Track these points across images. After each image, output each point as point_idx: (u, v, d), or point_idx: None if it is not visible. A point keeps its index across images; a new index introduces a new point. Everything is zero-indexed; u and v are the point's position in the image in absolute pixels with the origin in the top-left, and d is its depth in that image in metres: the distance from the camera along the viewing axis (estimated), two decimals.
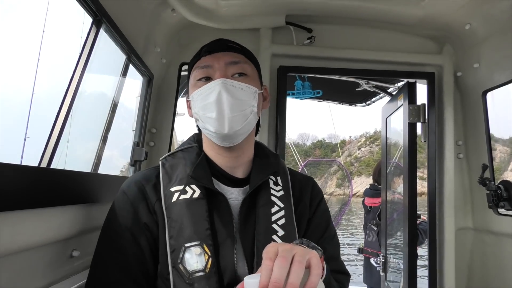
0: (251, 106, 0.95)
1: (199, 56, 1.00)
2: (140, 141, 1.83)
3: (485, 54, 1.92)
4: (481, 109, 1.98)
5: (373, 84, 3.25)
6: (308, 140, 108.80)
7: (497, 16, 1.73)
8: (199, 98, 0.94)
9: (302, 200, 1.05)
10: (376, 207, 3.59)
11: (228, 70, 0.95)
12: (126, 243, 0.90)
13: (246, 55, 1.02)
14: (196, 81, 0.97)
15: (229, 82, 0.93)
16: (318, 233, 1.03)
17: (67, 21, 1.65)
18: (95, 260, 0.92)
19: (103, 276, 0.89)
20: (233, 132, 0.92)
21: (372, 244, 3.60)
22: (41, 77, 1.76)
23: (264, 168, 1.02)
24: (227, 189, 0.98)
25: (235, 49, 1.01)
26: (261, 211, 0.96)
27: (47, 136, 1.10)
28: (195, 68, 0.99)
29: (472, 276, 2.11)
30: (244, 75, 0.97)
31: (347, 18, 2.03)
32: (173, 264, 0.86)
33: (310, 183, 1.11)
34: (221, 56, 0.97)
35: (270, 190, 1.00)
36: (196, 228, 0.88)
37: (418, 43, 2.15)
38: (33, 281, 0.97)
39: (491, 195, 1.85)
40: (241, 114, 0.93)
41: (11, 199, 0.80)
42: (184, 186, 0.94)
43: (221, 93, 0.91)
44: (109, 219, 0.95)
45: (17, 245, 0.85)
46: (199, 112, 0.95)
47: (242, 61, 0.98)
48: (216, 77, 0.94)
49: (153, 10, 1.68)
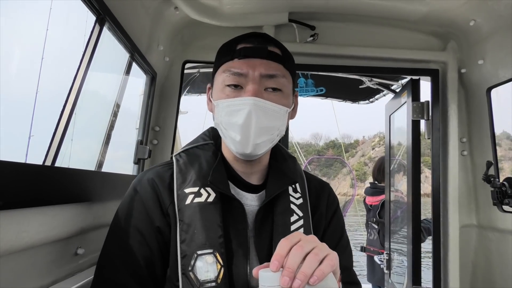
0: (279, 129, 0.89)
1: (232, 56, 0.90)
2: (144, 139, 1.83)
3: (490, 51, 1.91)
4: (485, 106, 1.97)
5: (377, 82, 3.24)
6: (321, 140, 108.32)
7: (501, 12, 1.72)
8: (225, 111, 0.87)
9: (319, 209, 1.02)
10: (376, 205, 3.59)
11: (263, 83, 0.87)
12: (136, 244, 0.86)
13: (285, 63, 0.92)
14: (224, 86, 0.88)
15: (261, 103, 0.84)
16: (332, 242, 0.99)
17: (71, 20, 1.66)
18: (102, 259, 0.89)
19: (110, 277, 0.86)
20: (255, 154, 0.88)
21: (373, 243, 3.60)
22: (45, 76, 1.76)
23: (282, 175, 0.97)
24: (243, 194, 0.94)
25: (275, 58, 0.90)
26: (280, 219, 0.92)
27: (51, 135, 1.11)
28: (225, 69, 0.89)
29: (476, 273, 2.10)
30: (278, 91, 0.89)
31: (350, 15, 2.02)
32: (183, 271, 0.82)
33: (326, 190, 1.06)
34: (258, 65, 0.87)
35: (289, 198, 0.95)
36: (209, 234, 0.84)
37: (422, 40, 2.14)
38: (38, 279, 0.98)
39: (496, 192, 1.84)
40: (267, 139, 0.88)
41: (16, 197, 0.81)
42: (199, 188, 0.89)
43: (250, 115, 0.83)
44: (119, 217, 0.90)
45: (22, 243, 0.86)
46: (221, 125, 0.89)
47: (279, 75, 0.89)
48: (247, 89, 0.86)
49: (156, 8, 1.68)
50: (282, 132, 0.91)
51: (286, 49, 0.96)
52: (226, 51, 0.93)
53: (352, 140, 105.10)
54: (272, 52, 0.90)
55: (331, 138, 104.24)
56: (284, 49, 0.95)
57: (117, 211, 0.92)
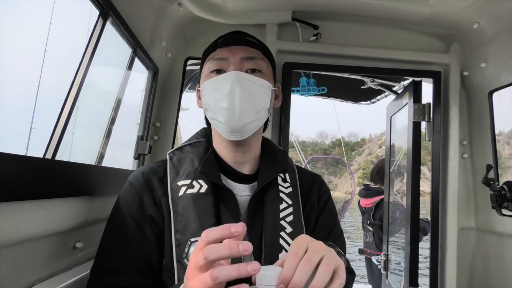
0: (263, 101, 0.95)
1: (214, 47, 0.99)
2: (144, 134, 1.83)
3: (493, 54, 1.91)
4: (487, 109, 1.96)
5: (379, 82, 3.23)
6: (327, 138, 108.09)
7: (505, 16, 1.72)
8: (211, 88, 0.93)
9: (310, 199, 1.04)
10: (370, 207, 3.59)
11: (243, 65, 0.94)
12: (131, 233, 0.90)
13: (263, 51, 1.00)
14: (209, 72, 0.96)
15: (244, 75, 0.92)
16: (324, 231, 1.02)
17: (74, 14, 1.66)
18: (101, 249, 0.92)
19: (108, 265, 0.89)
20: (243, 124, 0.91)
21: (369, 245, 3.61)
22: (47, 69, 1.76)
23: (273, 165, 1.01)
24: (235, 185, 0.97)
25: (253, 44, 0.99)
26: (269, 207, 0.95)
27: (52, 128, 1.11)
28: (209, 59, 0.98)
29: (473, 276, 2.10)
30: (258, 72, 0.96)
31: (354, 15, 2.02)
32: (178, 258, 0.86)
33: (318, 181, 1.10)
34: (238, 50, 0.96)
35: (279, 187, 0.99)
36: (202, 223, 0.87)
37: (425, 42, 2.13)
38: (36, 271, 0.98)
39: (495, 196, 1.84)
40: (252, 108, 0.92)
41: (16, 190, 0.81)
42: (192, 180, 0.93)
43: (234, 84, 0.90)
44: (115, 209, 0.95)
45: (21, 236, 0.86)
46: (209, 102, 0.94)
47: (258, 57, 0.97)
48: (230, 70, 0.93)
49: (159, 4, 1.68)
50: (267, 105, 0.96)
51: (262, 42, 1.04)
52: (209, 46, 1.02)
53: (358, 139, 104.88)
54: (250, 40, 1.00)
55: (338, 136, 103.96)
56: (261, 42, 1.04)
57: (115, 204, 0.96)
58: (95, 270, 0.90)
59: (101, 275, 0.88)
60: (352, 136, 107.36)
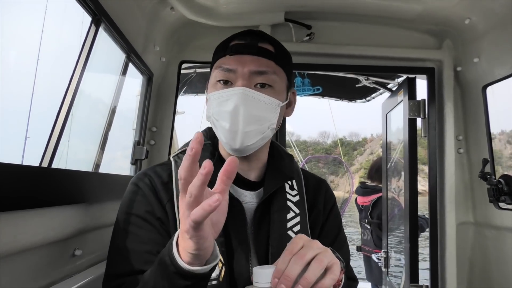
0: (269, 121, 0.89)
1: (224, 52, 0.91)
2: (141, 139, 1.83)
3: (485, 49, 1.92)
4: (481, 104, 1.97)
5: (373, 80, 3.24)
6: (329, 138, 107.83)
7: (496, 10, 1.73)
8: (216, 102, 0.88)
9: (316, 205, 1.02)
10: (367, 205, 3.60)
11: (252, 79, 0.87)
12: (145, 232, 0.86)
13: (277, 60, 0.92)
14: (216, 81, 0.90)
15: (250, 93, 0.85)
16: (329, 238, 1.00)
17: (66, 21, 1.65)
18: (113, 252, 0.87)
19: (124, 268, 0.83)
20: (245, 146, 0.87)
21: (367, 243, 3.61)
22: (41, 77, 1.76)
23: (279, 172, 0.98)
24: (241, 192, 0.94)
25: (266, 54, 0.90)
26: (276, 217, 0.92)
27: (47, 136, 1.11)
28: (218, 66, 0.91)
29: (473, 270, 2.11)
30: (268, 87, 0.89)
31: (346, 14, 2.02)
32: None
33: (323, 187, 1.07)
34: (248, 61, 0.88)
35: (286, 195, 0.96)
36: None
37: (418, 38, 2.14)
38: (36, 280, 0.97)
39: (492, 190, 1.85)
40: (257, 130, 0.87)
41: (13, 199, 0.80)
42: None
43: (238, 104, 0.84)
44: (123, 211, 0.90)
45: (19, 245, 0.86)
46: (212, 116, 0.90)
47: (270, 71, 0.89)
48: (237, 84, 0.87)
49: (152, 8, 1.67)
50: (274, 125, 0.91)
51: (281, 46, 0.96)
52: (220, 48, 0.95)
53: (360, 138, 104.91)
54: (263, 49, 0.91)
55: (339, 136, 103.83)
56: (278, 46, 0.95)
57: (120, 207, 0.91)
58: (111, 275, 0.85)
59: (118, 278, 0.83)
60: (353, 136, 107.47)
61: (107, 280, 0.86)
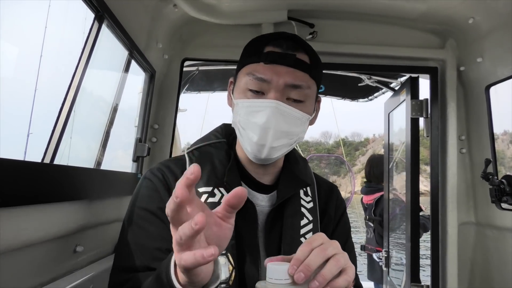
0: (298, 135, 0.88)
1: (258, 59, 0.87)
2: (143, 137, 1.83)
3: (489, 48, 1.91)
4: (484, 104, 1.97)
5: (376, 79, 3.23)
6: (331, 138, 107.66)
7: (500, 10, 1.72)
8: (245, 111, 0.86)
9: (327, 212, 1.01)
10: (371, 204, 3.61)
11: (286, 92, 0.85)
12: (155, 228, 0.83)
13: (312, 72, 0.88)
14: (246, 89, 0.87)
15: (283, 107, 0.83)
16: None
17: (69, 17, 1.65)
18: (123, 246, 0.85)
19: (134, 263, 0.82)
20: (270, 158, 0.87)
21: (370, 241, 3.61)
22: (43, 73, 1.76)
23: (294, 177, 0.96)
24: (254, 194, 0.93)
25: (303, 66, 0.87)
26: (289, 222, 0.91)
27: (50, 132, 1.11)
28: (249, 71, 0.87)
29: (474, 270, 2.11)
30: (301, 102, 0.87)
31: (349, 12, 2.02)
32: None
33: (334, 193, 1.06)
34: (284, 72, 0.84)
35: (300, 201, 0.95)
36: None
37: (421, 38, 2.14)
38: (38, 276, 0.98)
39: (494, 190, 1.84)
40: (284, 144, 0.87)
41: (15, 195, 0.81)
42: (213, 188, 0.87)
43: (270, 118, 0.82)
44: (134, 205, 0.88)
45: (21, 241, 0.86)
46: (239, 124, 0.88)
47: (305, 86, 0.86)
48: (269, 96, 0.84)
49: (155, 5, 1.67)
50: (301, 139, 0.90)
51: (315, 56, 0.92)
52: (252, 51, 0.90)
53: (362, 138, 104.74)
54: (300, 60, 0.87)
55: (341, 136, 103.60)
56: (313, 55, 0.92)
57: (131, 201, 0.90)
58: (118, 268, 0.84)
59: (125, 273, 0.81)
60: (355, 136, 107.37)
61: (114, 273, 0.85)
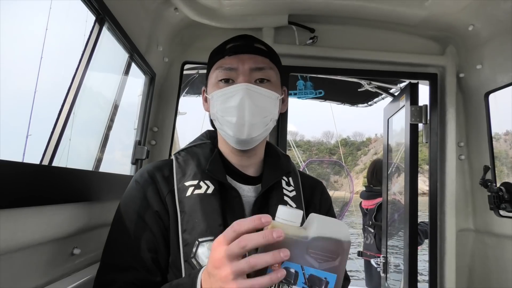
0: (272, 113, 0.95)
1: (222, 54, 0.98)
2: (142, 139, 1.83)
3: (488, 55, 1.92)
4: (483, 111, 1.97)
5: (375, 85, 3.24)
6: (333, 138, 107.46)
7: (500, 17, 1.73)
8: (220, 100, 0.94)
9: (313, 202, 1.06)
10: (372, 209, 3.59)
11: (252, 75, 0.94)
12: (138, 229, 0.90)
13: (271, 58, 1.00)
14: (217, 81, 0.96)
15: (253, 87, 0.92)
16: None
17: (70, 20, 1.66)
18: (108, 246, 0.91)
19: (115, 261, 0.88)
20: (251, 138, 0.93)
21: (370, 247, 3.59)
22: (43, 75, 1.76)
23: (276, 168, 1.03)
24: (240, 186, 0.98)
25: (262, 52, 0.99)
26: (274, 210, 0.95)
27: (49, 134, 1.11)
28: (218, 66, 0.97)
29: (472, 277, 2.10)
30: (267, 81, 0.96)
31: (350, 18, 2.03)
32: (186, 258, 0.86)
33: (319, 187, 1.12)
34: (247, 59, 0.95)
35: (283, 190, 1.00)
36: (210, 222, 0.88)
37: (421, 44, 2.14)
38: (34, 278, 0.97)
39: (493, 197, 1.84)
40: (261, 121, 0.93)
41: (13, 197, 0.80)
42: (199, 181, 0.94)
43: (243, 98, 0.90)
44: (121, 207, 0.94)
45: (18, 243, 0.85)
46: (217, 113, 0.95)
47: (267, 67, 0.96)
48: (239, 81, 0.93)
49: (155, 9, 1.68)
50: (275, 117, 0.97)
51: (270, 47, 1.04)
52: (217, 51, 1.01)
53: (364, 138, 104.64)
54: (258, 48, 0.99)
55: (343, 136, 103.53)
56: (269, 47, 1.03)
57: (120, 203, 0.95)
58: (102, 267, 0.90)
59: (109, 272, 0.87)
60: (357, 136, 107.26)
61: (100, 272, 0.90)
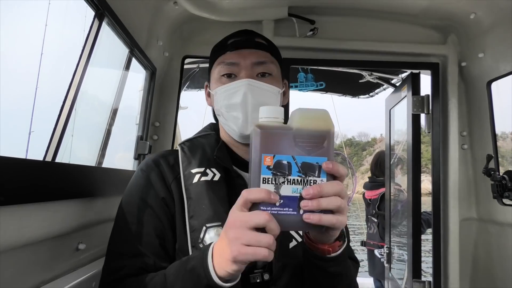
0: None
1: (224, 50, 1.00)
2: (144, 134, 1.83)
3: (490, 44, 1.90)
4: (485, 100, 1.96)
5: (377, 76, 3.23)
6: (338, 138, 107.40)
7: (502, 5, 1.71)
8: (223, 96, 0.96)
9: None
10: (375, 199, 3.62)
11: (254, 69, 0.96)
12: (145, 215, 0.91)
13: (272, 52, 1.02)
14: (220, 76, 0.98)
15: (255, 83, 0.94)
16: None
17: (70, 15, 1.65)
18: (115, 233, 0.92)
19: (124, 248, 0.89)
20: None
21: (373, 236, 3.62)
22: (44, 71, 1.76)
23: None
24: (244, 174, 1.00)
25: (263, 47, 1.01)
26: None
27: (51, 130, 1.11)
28: (220, 62, 0.99)
29: (476, 266, 2.11)
30: (268, 75, 0.98)
31: (350, 9, 2.01)
32: (193, 244, 0.87)
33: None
34: (248, 54, 0.97)
35: None
36: (217, 209, 0.90)
37: (422, 33, 2.13)
38: (40, 274, 0.98)
39: (496, 186, 1.84)
40: None
41: (17, 193, 0.81)
42: (205, 168, 0.95)
43: (246, 94, 0.92)
44: (127, 195, 0.95)
45: (24, 239, 0.86)
46: (221, 109, 0.97)
47: (268, 61, 0.99)
48: (241, 76, 0.95)
49: (155, 3, 1.67)
50: None
51: (271, 42, 1.07)
52: (218, 47, 1.04)
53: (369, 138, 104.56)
54: (259, 43, 1.02)
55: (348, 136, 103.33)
56: (269, 41, 1.06)
57: (125, 192, 0.96)
58: (110, 256, 0.90)
59: (117, 259, 0.88)
60: (362, 136, 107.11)
61: (109, 259, 0.90)
